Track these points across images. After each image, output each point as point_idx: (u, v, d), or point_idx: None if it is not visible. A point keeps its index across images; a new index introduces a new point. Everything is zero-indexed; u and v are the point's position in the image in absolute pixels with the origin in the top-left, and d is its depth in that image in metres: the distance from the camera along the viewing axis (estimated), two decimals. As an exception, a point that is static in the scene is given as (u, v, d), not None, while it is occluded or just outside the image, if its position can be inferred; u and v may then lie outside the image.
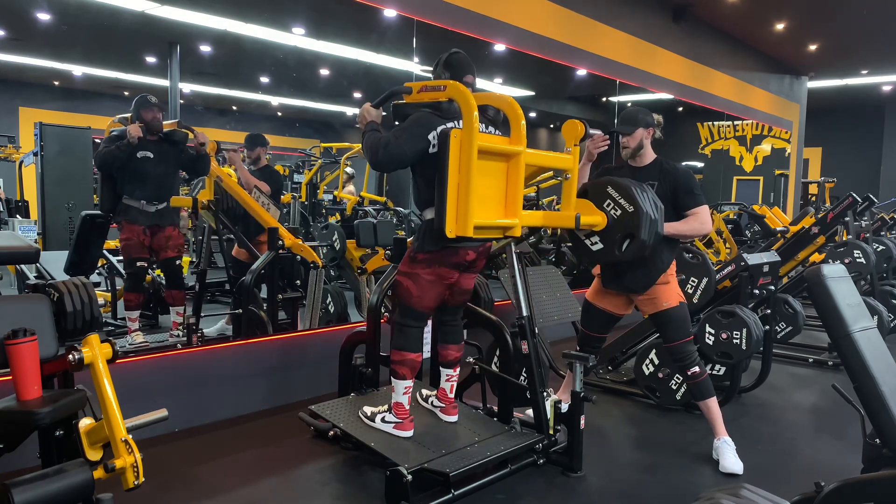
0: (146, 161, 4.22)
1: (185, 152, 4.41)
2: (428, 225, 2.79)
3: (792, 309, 5.12)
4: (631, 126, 3.32)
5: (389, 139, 2.73)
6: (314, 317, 4.46)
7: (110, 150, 4.12)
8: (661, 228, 2.96)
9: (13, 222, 7.03)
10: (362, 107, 2.95)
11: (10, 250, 2.44)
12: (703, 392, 3.26)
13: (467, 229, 2.53)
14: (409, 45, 4.89)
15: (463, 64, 2.95)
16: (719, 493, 1.51)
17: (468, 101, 2.56)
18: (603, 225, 2.93)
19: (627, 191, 2.87)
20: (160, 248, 4.36)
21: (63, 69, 8.35)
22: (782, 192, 11.35)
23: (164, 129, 4.30)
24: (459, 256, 2.86)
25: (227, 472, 3.01)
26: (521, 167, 2.72)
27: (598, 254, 3.01)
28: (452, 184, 2.53)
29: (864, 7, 7.86)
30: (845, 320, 2.07)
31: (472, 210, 2.53)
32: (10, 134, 8.24)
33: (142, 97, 4.27)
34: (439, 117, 2.79)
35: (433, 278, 2.89)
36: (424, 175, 2.80)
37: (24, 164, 7.41)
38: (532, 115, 10.43)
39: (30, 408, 2.05)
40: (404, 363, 2.96)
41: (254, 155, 5.10)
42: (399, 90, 2.87)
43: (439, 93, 2.72)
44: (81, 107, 8.85)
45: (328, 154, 8.25)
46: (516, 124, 2.71)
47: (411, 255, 2.92)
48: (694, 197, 3.25)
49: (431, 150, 2.74)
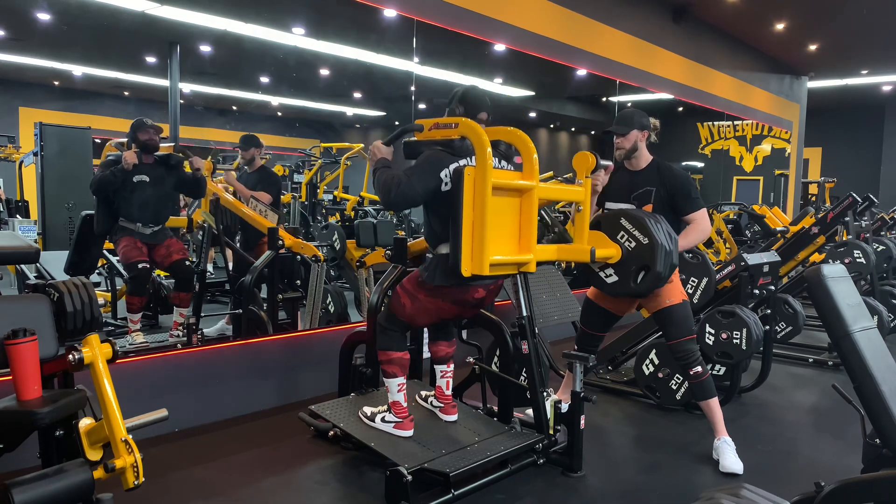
0: (142, 185, 4.29)
1: (182, 175, 4.47)
2: (442, 259, 2.76)
3: (792, 309, 5.12)
4: (626, 127, 3.31)
5: (402, 178, 2.71)
6: (315, 311, 4.46)
7: (105, 175, 4.18)
8: (676, 259, 2.96)
9: (13, 222, 7.03)
10: (373, 144, 2.95)
11: (10, 250, 2.44)
12: (705, 392, 3.25)
13: (483, 267, 2.53)
14: (409, 45, 4.89)
15: (478, 100, 2.93)
16: (719, 493, 1.51)
17: (481, 138, 2.56)
18: (618, 257, 2.93)
19: (641, 223, 2.87)
20: (163, 257, 4.42)
21: (63, 69, 8.34)
22: (782, 192, 11.35)
23: (161, 152, 4.38)
24: (469, 294, 2.86)
25: (227, 472, 3.01)
26: (535, 202, 2.72)
27: (614, 286, 3.03)
28: (467, 221, 2.53)
29: (864, 7, 7.85)
30: (845, 320, 2.07)
31: (488, 247, 2.52)
32: (10, 134, 8.23)
33: (138, 120, 4.35)
34: (451, 155, 2.78)
35: (432, 308, 2.89)
36: (437, 212, 2.80)
37: (24, 164, 7.41)
38: (532, 115, 10.43)
39: (30, 408, 2.05)
40: (392, 362, 2.97)
41: (248, 156, 5.09)
42: (410, 127, 2.87)
43: (451, 130, 2.71)
44: (81, 107, 8.85)
45: (328, 154, 8.25)
46: (528, 158, 2.71)
47: (420, 279, 2.88)
48: (692, 201, 3.25)
49: (444, 188, 2.73)
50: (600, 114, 9.12)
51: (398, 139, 2.96)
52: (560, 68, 6.30)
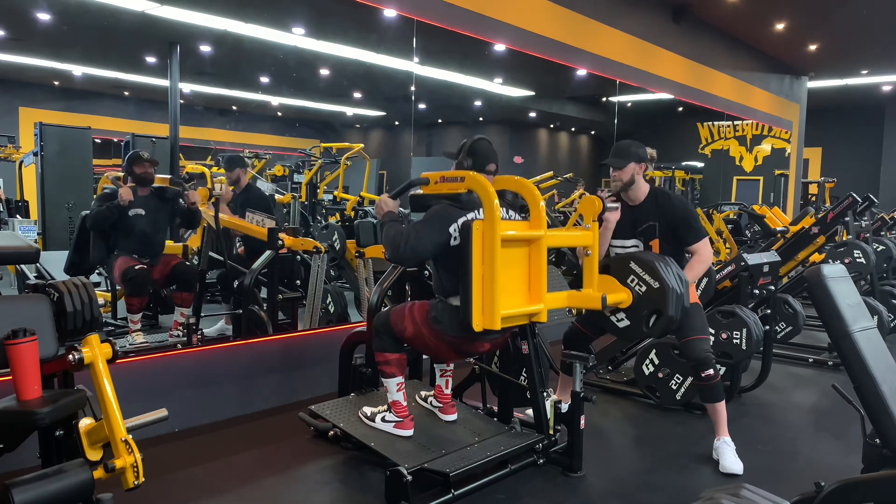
0: (138, 218, 4.35)
1: (177, 206, 4.52)
2: (453, 311, 2.74)
3: (792, 309, 5.12)
4: (623, 160, 3.29)
5: (410, 233, 2.70)
6: (315, 311, 4.46)
7: (101, 210, 4.23)
8: (688, 302, 2.95)
9: (13, 222, 7.02)
10: (380, 198, 2.95)
11: (10, 250, 2.44)
12: (714, 395, 3.22)
13: (494, 322, 2.53)
14: (409, 45, 4.89)
15: (487, 153, 2.92)
16: (719, 493, 1.51)
17: (488, 192, 2.56)
18: (629, 302, 2.93)
19: (651, 266, 2.87)
20: (162, 271, 4.47)
21: (63, 69, 8.34)
22: (782, 192, 11.35)
23: (156, 183, 4.44)
24: (474, 347, 2.88)
25: (227, 472, 3.01)
26: (544, 251, 2.72)
27: (626, 331, 3.02)
28: (477, 276, 2.53)
29: (863, 7, 7.85)
30: (845, 320, 2.07)
31: (499, 301, 2.52)
32: (10, 134, 8.23)
33: (134, 152, 4.44)
34: (459, 209, 2.78)
35: (433, 346, 2.90)
36: (446, 266, 2.79)
37: (24, 164, 7.41)
38: (532, 115, 10.44)
39: (30, 408, 2.05)
40: (389, 363, 2.97)
41: (233, 177, 5.05)
42: (416, 182, 2.88)
43: (458, 184, 2.72)
44: (81, 107, 8.84)
45: (328, 154, 8.25)
46: (535, 207, 2.72)
47: (430, 317, 2.84)
48: (694, 232, 3.23)
49: (453, 243, 2.72)
50: (600, 114, 9.12)
51: (404, 193, 2.98)
52: (560, 68, 6.30)
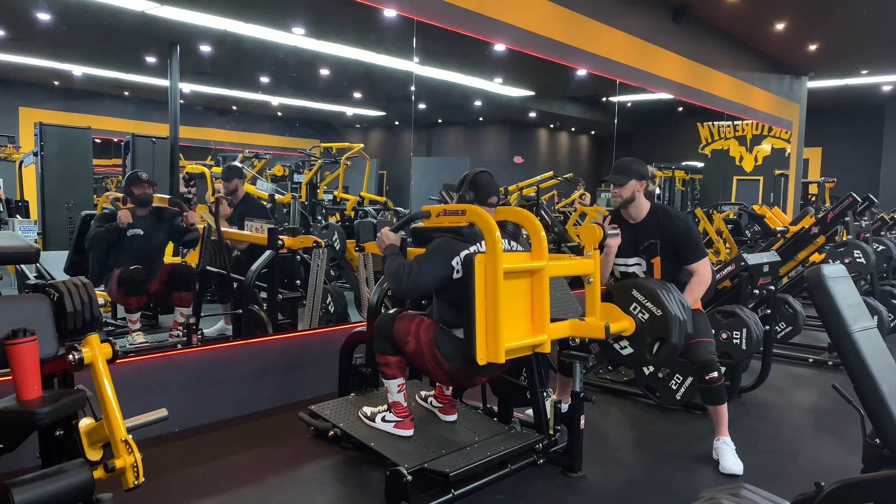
0: (136, 238, 4.39)
1: (176, 227, 4.55)
2: (457, 342, 2.74)
3: (792, 309, 5.11)
4: (624, 177, 3.29)
5: (413, 267, 2.71)
6: (315, 310, 4.45)
7: (100, 231, 4.28)
8: (691, 329, 2.94)
9: (13, 222, 7.02)
10: (381, 231, 2.96)
11: (10, 250, 2.44)
12: (717, 398, 3.21)
13: (499, 355, 2.52)
14: (409, 45, 4.89)
15: (489, 186, 2.93)
16: (719, 493, 1.51)
17: (489, 225, 2.56)
18: (631, 330, 2.92)
19: (653, 294, 2.87)
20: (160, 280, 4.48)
21: (63, 69, 8.35)
22: (782, 192, 11.35)
23: (155, 203, 4.48)
24: (470, 381, 2.89)
25: (227, 472, 3.01)
26: (546, 281, 2.72)
27: (629, 358, 3.02)
28: (480, 309, 2.53)
29: (864, 7, 7.85)
30: (845, 320, 2.07)
31: (503, 335, 2.52)
32: (10, 134, 8.24)
33: (134, 173, 4.47)
34: (461, 241, 2.79)
35: (432, 368, 2.90)
36: (449, 298, 2.80)
37: (24, 164, 7.41)
38: (532, 115, 10.44)
39: (30, 408, 2.05)
40: (389, 364, 2.97)
41: (231, 187, 5.05)
42: (418, 215, 2.89)
43: (459, 217, 2.72)
44: (81, 107, 8.85)
45: (328, 154, 8.25)
46: (536, 238, 2.72)
47: (434, 340, 2.83)
48: (694, 251, 3.23)
49: (456, 276, 2.72)
50: (600, 114, 9.13)
51: (406, 226, 2.98)
52: (560, 68, 6.30)
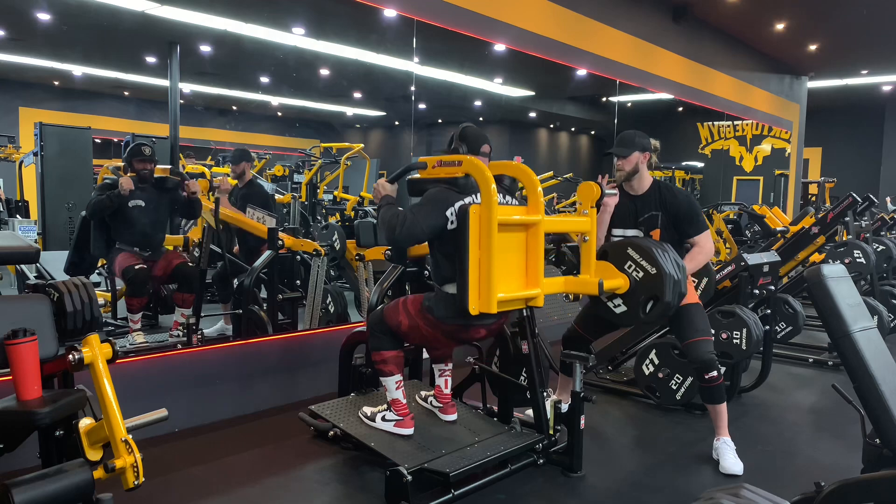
0: (138, 210, 4.31)
1: (177, 197, 4.49)
2: (449, 298, 2.75)
3: (792, 309, 5.12)
4: (627, 149, 3.29)
5: (407, 216, 2.71)
6: (315, 311, 4.46)
7: (101, 199, 4.19)
8: (685, 288, 2.95)
9: (13, 222, 7.03)
10: (377, 182, 2.96)
11: (10, 250, 2.44)
12: (716, 397, 3.21)
13: (491, 305, 2.53)
14: (409, 45, 4.89)
15: (478, 135, 2.94)
16: (719, 493, 1.51)
17: (485, 175, 2.56)
18: (626, 288, 2.92)
19: (649, 252, 2.86)
20: (164, 268, 4.44)
21: (63, 69, 8.35)
22: (782, 192, 11.34)
23: (157, 174, 4.40)
24: (469, 334, 2.88)
25: (227, 472, 3.01)
26: (541, 236, 2.72)
27: (623, 317, 3.02)
28: (473, 259, 2.53)
29: (864, 7, 7.85)
30: (845, 320, 2.07)
31: (496, 285, 2.52)
32: (10, 134, 8.24)
33: (135, 146, 4.38)
34: (457, 193, 2.78)
35: (429, 337, 2.90)
36: (443, 250, 2.79)
37: (24, 164, 7.42)
38: (532, 115, 10.44)
39: (30, 408, 2.05)
40: (386, 361, 2.97)
41: (238, 170, 5.09)
42: (414, 166, 2.88)
43: (455, 168, 2.72)
44: (81, 107, 8.85)
45: (328, 154, 8.25)
46: (533, 192, 2.72)
47: (423, 307, 2.86)
48: (696, 225, 3.24)
49: (450, 227, 2.72)
50: (600, 114, 9.12)
51: (402, 177, 2.97)
52: (560, 68, 6.30)
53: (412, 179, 2.90)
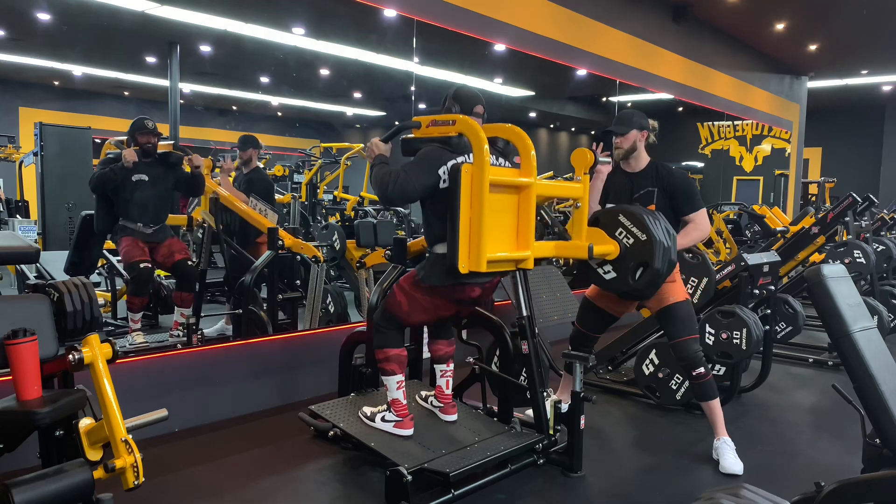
0: (141, 184, 4.27)
1: (181, 173, 4.46)
2: (438, 259, 2.76)
3: (792, 309, 5.12)
4: (625, 127, 3.32)
5: (399, 174, 2.71)
6: (315, 312, 4.46)
7: (105, 172, 4.15)
8: (675, 256, 2.96)
9: (13, 222, 7.03)
10: (371, 141, 2.95)
11: (10, 250, 2.44)
12: (707, 393, 3.24)
13: (480, 264, 2.52)
14: (409, 45, 4.89)
15: (472, 96, 2.95)
16: (719, 493, 1.51)
17: (479, 135, 2.56)
18: (616, 254, 2.92)
19: (640, 219, 2.87)
20: (165, 257, 4.40)
21: (63, 69, 8.36)
22: (782, 192, 11.35)
23: (160, 150, 4.37)
24: (465, 294, 2.86)
25: (227, 472, 3.01)
26: (533, 199, 2.71)
27: (612, 283, 3.02)
28: (464, 218, 2.53)
29: (864, 7, 7.86)
30: (845, 320, 2.07)
31: (485, 245, 2.52)
32: (10, 134, 8.24)
33: (138, 120, 4.33)
34: (449, 152, 2.78)
35: (429, 307, 2.89)
36: (435, 210, 2.79)
37: (24, 164, 7.42)
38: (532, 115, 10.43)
39: (30, 408, 2.05)
40: (389, 359, 2.97)
41: (245, 156, 5.09)
42: (408, 125, 2.87)
43: (449, 127, 2.71)
44: (81, 107, 8.86)
45: (328, 154, 8.26)
46: (526, 155, 2.71)
47: (416, 278, 2.89)
48: (692, 202, 3.25)
49: (442, 185, 2.72)
50: (600, 114, 9.12)
51: (396, 136, 2.96)
52: (560, 68, 6.30)
53: (406, 139, 2.89)
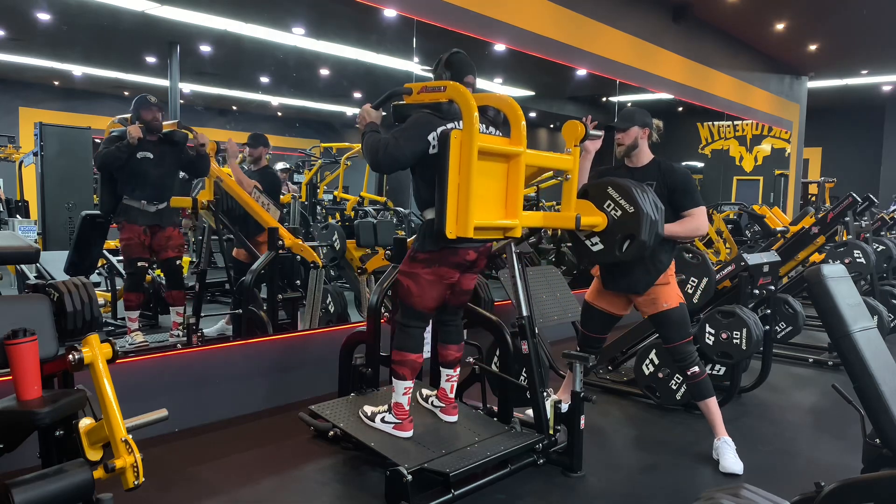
0: (146, 162, 4.23)
1: (185, 153, 4.41)
2: (428, 225, 2.79)
3: (792, 309, 5.12)
4: (627, 123, 3.33)
5: (389, 140, 2.73)
6: (314, 317, 4.46)
7: (110, 150, 4.12)
8: (662, 229, 2.97)
9: (13, 222, 7.04)
10: (362, 108, 2.95)
11: (10, 250, 2.43)
12: (703, 392, 3.26)
13: (467, 230, 2.53)
14: (409, 45, 4.89)
15: (464, 64, 2.96)
16: (719, 493, 1.51)
17: (468, 101, 2.56)
18: (603, 226, 2.93)
19: (628, 191, 2.87)
20: (160, 248, 4.36)
21: (63, 69, 8.35)
22: (782, 192, 11.35)
23: (164, 129, 4.31)
24: (459, 256, 2.87)
25: (227, 472, 3.01)
26: (522, 168, 2.72)
27: (599, 254, 3.02)
28: (453, 185, 2.54)
29: (864, 7, 7.86)
30: (845, 320, 2.07)
31: (472, 211, 2.53)
32: (10, 134, 8.24)
33: (142, 97, 4.28)
34: (439, 118, 2.79)
35: (433, 278, 2.89)
36: (424, 176, 2.80)
37: (24, 164, 7.42)
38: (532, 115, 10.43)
39: (30, 408, 2.05)
40: (405, 364, 2.96)
41: (256, 154, 5.12)
42: (399, 91, 2.87)
43: (439, 94, 2.72)
44: (81, 107, 8.85)
45: (328, 154, 8.26)
46: (516, 125, 2.71)
47: (412, 254, 2.93)
48: (691, 198, 3.26)
49: (432, 151, 2.74)
50: (600, 114, 9.11)
51: (387, 103, 2.95)
52: (560, 68, 6.30)
53: (397, 105, 2.90)
